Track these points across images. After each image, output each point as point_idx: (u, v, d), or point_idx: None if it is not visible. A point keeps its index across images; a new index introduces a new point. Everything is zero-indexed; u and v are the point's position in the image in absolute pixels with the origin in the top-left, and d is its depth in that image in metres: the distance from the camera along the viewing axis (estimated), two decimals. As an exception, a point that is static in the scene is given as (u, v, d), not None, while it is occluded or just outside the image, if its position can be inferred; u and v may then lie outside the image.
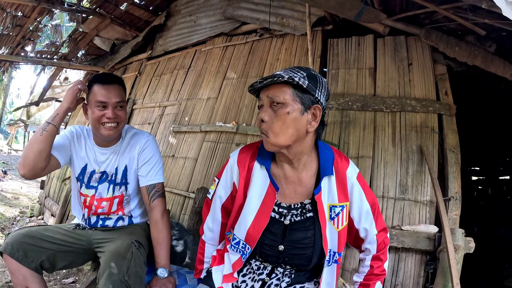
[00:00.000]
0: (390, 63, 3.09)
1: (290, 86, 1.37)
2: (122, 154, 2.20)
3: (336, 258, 1.54)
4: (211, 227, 1.75)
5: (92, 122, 2.06)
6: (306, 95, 1.37)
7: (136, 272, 1.83)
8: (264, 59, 3.82)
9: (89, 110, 2.06)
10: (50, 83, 7.14)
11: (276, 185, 1.52)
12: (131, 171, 2.21)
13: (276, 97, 1.37)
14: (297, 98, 1.37)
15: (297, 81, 1.33)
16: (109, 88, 2.03)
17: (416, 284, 2.48)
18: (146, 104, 5.16)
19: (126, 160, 2.20)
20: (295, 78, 1.34)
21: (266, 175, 1.54)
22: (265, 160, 1.55)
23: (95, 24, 5.59)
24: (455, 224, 2.46)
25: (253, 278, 1.62)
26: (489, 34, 2.62)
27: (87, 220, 2.23)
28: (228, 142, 3.64)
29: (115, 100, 2.03)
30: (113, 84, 2.06)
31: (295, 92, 1.37)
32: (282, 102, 1.37)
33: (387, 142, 2.84)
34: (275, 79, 1.35)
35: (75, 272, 3.95)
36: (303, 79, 1.35)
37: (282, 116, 1.37)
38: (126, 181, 2.21)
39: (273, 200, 1.52)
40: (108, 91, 2.02)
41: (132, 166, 2.20)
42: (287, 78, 1.34)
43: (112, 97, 2.02)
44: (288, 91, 1.37)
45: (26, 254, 1.90)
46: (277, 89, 1.38)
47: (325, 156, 1.53)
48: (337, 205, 1.51)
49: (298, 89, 1.37)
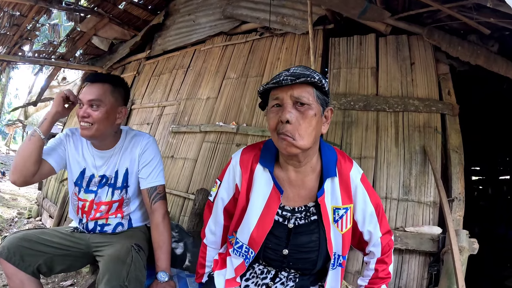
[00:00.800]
0: (392, 63, 3.06)
1: (312, 86, 1.33)
2: (122, 156, 2.15)
3: (340, 261, 1.51)
4: (213, 230, 1.70)
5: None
6: (323, 97, 1.36)
7: (136, 277, 1.79)
8: (264, 58, 3.78)
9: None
10: (48, 83, 7.11)
11: (280, 188, 1.47)
12: (132, 174, 2.16)
13: (303, 97, 1.31)
14: (319, 100, 1.34)
15: (323, 83, 1.31)
16: (90, 86, 2.00)
17: (420, 286, 2.45)
18: (144, 104, 5.13)
19: (127, 162, 2.15)
20: (323, 80, 1.32)
21: (270, 178, 1.49)
22: (268, 163, 1.51)
23: (93, 24, 5.55)
24: (459, 225, 2.43)
25: (257, 282, 1.58)
26: (492, 34, 2.60)
27: (84, 225, 2.17)
28: (228, 142, 3.60)
29: (88, 98, 1.96)
30: (97, 83, 2.01)
31: (317, 93, 1.34)
32: (308, 104, 1.32)
33: (390, 142, 2.81)
34: (308, 79, 1.29)
35: (73, 275, 3.90)
36: (324, 81, 1.32)
37: (310, 118, 1.32)
38: (127, 184, 2.17)
39: (278, 203, 1.48)
40: (88, 89, 1.99)
41: (133, 169, 2.16)
42: (317, 79, 1.30)
43: (86, 95, 1.97)
44: (312, 92, 1.33)
45: (23, 258, 1.86)
46: (302, 88, 1.32)
47: (328, 158, 1.49)
48: (341, 207, 1.47)
49: (320, 91, 1.35)
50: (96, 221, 2.16)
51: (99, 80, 2.03)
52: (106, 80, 2.04)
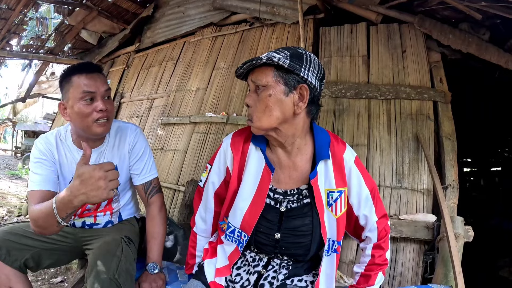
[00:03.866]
0: (384, 51, 3.04)
1: (272, 67, 1.31)
2: (110, 153, 2.00)
3: (335, 247, 1.47)
4: (203, 216, 1.66)
5: (79, 121, 1.77)
6: (290, 75, 1.30)
7: (127, 270, 1.69)
8: (254, 48, 3.75)
9: (73, 108, 1.75)
10: (36, 79, 7.03)
11: (271, 165, 1.44)
12: (122, 171, 2.02)
13: (259, 80, 1.33)
14: (280, 79, 1.30)
15: (276, 61, 1.27)
16: (94, 77, 1.76)
17: (415, 274, 2.43)
18: (134, 97, 5.07)
19: (116, 159, 2.00)
20: (274, 59, 1.27)
21: (262, 157, 1.46)
22: (260, 143, 1.48)
23: (82, 17, 5.46)
24: (453, 213, 2.41)
25: (248, 270, 1.54)
26: (483, 22, 2.62)
27: (70, 224, 2.06)
28: (218, 133, 3.56)
29: (104, 89, 1.78)
30: (97, 73, 1.81)
31: (278, 73, 1.30)
32: (264, 85, 1.32)
33: (382, 130, 2.79)
34: (254, 62, 1.31)
35: (63, 271, 3.84)
36: (284, 59, 1.28)
37: (265, 99, 1.32)
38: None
39: (269, 182, 1.44)
40: (94, 80, 1.75)
41: (123, 165, 2.02)
42: (265, 59, 1.28)
43: (100, 86, 1.75)
44: (270, 73, 1.30)
45: (9, 253, 1.75)
46: (260, 72, 1.33)
47: (320, 140, 1.46)
48: (335, 190, 1.43)
49: (281, 70, 1.30)
50: (84, 221, 2.05)
51: (99, 70, 1.84)
52: (99, 69, 1.86)
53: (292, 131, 1.39)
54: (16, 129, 23.82)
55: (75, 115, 1.76)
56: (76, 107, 1.74)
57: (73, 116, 1.77)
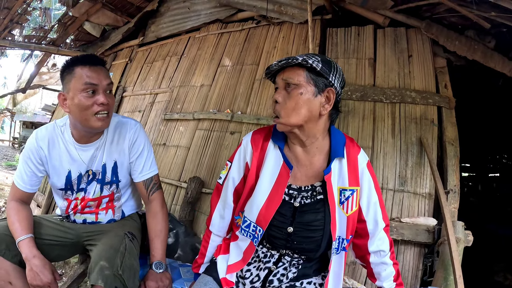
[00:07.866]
0: (390, 54, 3.04)
1: (304, 68, 1.41)
2: (108, 148, 1.98)
3: (344, 245, 1.53)
4: (222, 213, 1.69)
5: (78, 114, 1.78)
6: (320, 78, 1.41)
7: (131, 265, 1.70)
8: (260, 46, 3.74)
9: (74, 99, 1.76)
10: (37, 70, 6.98)
11: (290, 164, 1.52)
12: (122, 167, 2.02)
13: (291, 78, 1.42)
14: (311, 81, 1.41)
15: (311, 64, 1.38)
16: (97, 70, 1.77)
17: (415, 277, 2.44)
18: (136, 92, 5.04)
19: (115, 155, 1.99)
20: (309, 61, 1.38)
21: (280, 155, 1.55)
22: (279, 141, 1.56)
23: (86, 9, 5.42)
24: (454, 217, 2.43)
25: (259, 266, 1.59)
26: (489, 30, 2.63)
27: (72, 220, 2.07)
28: (222, 130, 3.55)
29: (106, 82, 1.78)
30: (100, 66, 1.82)
31: (309, 75, 1.41)
32: (296, 84, 1.41)
33: (386, 133, 2.80)
34: (290, 61, 1.41)
35: (61, 265, 3.84)
36: (317, 62, 1.39)
37: (295, 97, 1.41)
38: (117, 178, 2.02)
39: (287, 179, 1.51)
40: (97, 72, 1.76)
41: (123, 161, 2.01)
42: (301, 60, 1.38)
43: (102, 79, 1.77)
44: (302, 73, 1.41)
45: (9, 247, 1.75)
46: (292, 71, 1.43)
47: (336, 139, 1.55)
48: (347, 188, 1.50)
49: (312, 72, 1.41)
50: (84, 219, 2.05)
51: (99, 63, 1.83)
52: (102, 62, 1.86)
53: (315, 131, 1.48)
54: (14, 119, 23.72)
55: (75, 107, 1.76)
56: (76, 98, 1.74)
57: (73, 108, 1.77)
